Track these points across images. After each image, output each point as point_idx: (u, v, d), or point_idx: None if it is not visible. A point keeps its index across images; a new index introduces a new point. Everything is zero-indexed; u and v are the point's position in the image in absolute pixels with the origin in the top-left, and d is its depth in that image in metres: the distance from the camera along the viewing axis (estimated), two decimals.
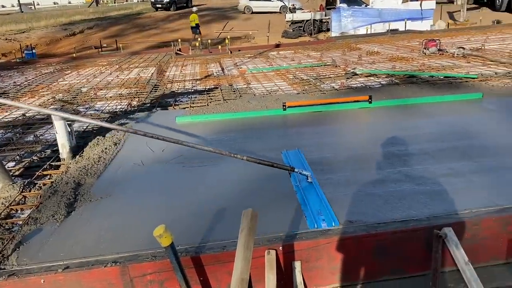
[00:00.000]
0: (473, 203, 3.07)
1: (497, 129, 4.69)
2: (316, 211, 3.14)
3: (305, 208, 3.21)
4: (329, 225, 2.94)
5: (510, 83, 6.83)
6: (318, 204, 3.24)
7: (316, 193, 3.42)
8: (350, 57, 11.44)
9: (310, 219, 3.04)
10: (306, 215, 3.12)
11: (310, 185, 3.55)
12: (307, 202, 3.29)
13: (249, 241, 1.98)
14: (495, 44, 11.83)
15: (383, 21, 19.35)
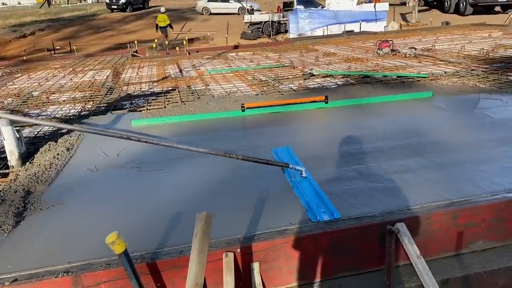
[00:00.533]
0: (424, 198, 3.17)
1: (446, 126, 4.89)
2: (316, 204, 3.21)
3: (304, 202, 3.28)
4: (330, 217, 3.02)
5: (458, 81, 7.13)
6: (316, 197, 3.31)
7: (312, 187, 3.49)
8: (308, 58, 11.60)
9: (311, 213, 3.11)
10: (307, 208, 3.18)
11: (305, 180, 3.62)
12: (305, 196, 3.36)
13: (203, 245, 1.95)
14: (444, 44, 12.33)
15: (339, 22, 19.78)
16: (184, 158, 4.40)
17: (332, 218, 3.01)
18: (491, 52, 9.99)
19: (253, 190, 3.55)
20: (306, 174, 3.67)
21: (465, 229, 2.97)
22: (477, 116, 5.07)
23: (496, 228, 3.02)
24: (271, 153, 4.40)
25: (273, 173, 3.83)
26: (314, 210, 3.13)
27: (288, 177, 3.74)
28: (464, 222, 2.95)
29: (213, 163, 4.20)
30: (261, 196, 3.44)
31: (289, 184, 3.61)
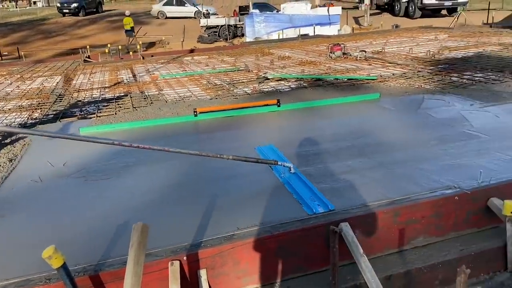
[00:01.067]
0: (367, 197, 3.27)
1: (390, 127, 5.07)
2: (309, 197, 3.32)
3: (298, 197, 3.38)
4: (325, 209, 3.14)
5: (405, 83, 7.41)
6: (308, 191, 3.42)
7: (303, 182, 3.60)
8: (263, 62, 11.70)
9: (306, 206, 3.22)
10: (301, 202, 3.28)
11: (294, 175, 3.73)
12: (297, 190, 3.46)
13: (140, 255, 1.92)
14: (394, 47, 12.79)
15: (294, 26, 20.07)
16: (133, 166, 4.33)
17: (327, 210, 3.14)
18: (436, 54, 10.46)
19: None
20: (294, 170, 3.78)
21: (406, 226, 3.08)
22: (420, 116, 5.28)
23: (435, 224, 3.14)
24: (255, 151, 4.48)
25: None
26: (308, 204, 3.25)
27: (277, 174, 3.83)
28: (405, 219, 3.06)
29: (167, 169, 4.16)
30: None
31: (272, 181, 3.67)
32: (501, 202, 3.08)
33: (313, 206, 3.20)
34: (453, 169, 3.67)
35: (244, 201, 3.42)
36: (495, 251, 3.11)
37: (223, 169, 4.06)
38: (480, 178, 3.34)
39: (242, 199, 3.46)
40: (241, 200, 3.45)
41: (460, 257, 3.02)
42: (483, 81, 7.05)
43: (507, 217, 3.01)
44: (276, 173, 3.86)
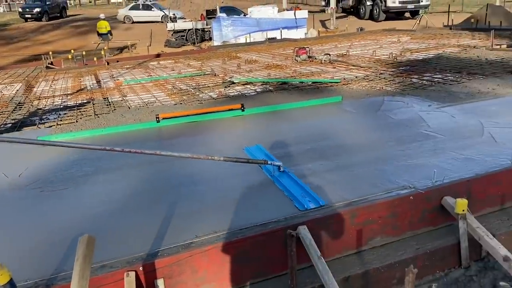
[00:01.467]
0: (326, 199, 3.31)
1: (351, 129, 5.15)
2: (300, 194, 3.43)
3: (289, 194, 3.49)
4: (316, 205, 3.26)
5: (367, 85, 7.56)
6: (298, 189, 3.53)
7: (293, 179, 3.71)
8: (230, 66, 11.69)
9: (297, 202, 3.33)
10: (292, 199, 3.39)
11: (284, 174, 3.83)
12: (288, 188, 3.56)
13: (85, 269, 1.88)
14: (358, 49, 13.03)
15: (261, 30, 20.18)
16: (92, 175, 4.24)
17: (318, 206, 3.25)
18: (399, 56, 10.72)
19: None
20: (283, 169, 3.87)
21: (364, 227, 3.13)
22: (380, 118, 5.39)
23: (391, 223, 3.21)
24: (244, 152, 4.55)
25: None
26: (300, 200, 3.34)
27: (266, 173, 3.93)
28: (362, 220, 3.11)
29: (128, 178, 4.10)
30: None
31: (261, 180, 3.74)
32: (453, 200, 3.17)
33: (304, 202, 3.30)
34: (409, 170, 3.76)
35: (205, 207, 3.40)
36: (449, 249, 3.19)
37: (187, 175, 4.04)
38: (434, 178, 3.43)
39: (203, 206, 3.44)
40: (203, 206, 3.42)
41: (416, 256, 3.09)
42: (442, 82, 7.27)
43: (459, 215, 3.10)
44: (265, 172, 3.96)
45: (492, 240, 2.99)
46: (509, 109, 5.28)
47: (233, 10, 24.83)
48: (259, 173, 3.95)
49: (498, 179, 3.49)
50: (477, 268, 3.19)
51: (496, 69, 7.96)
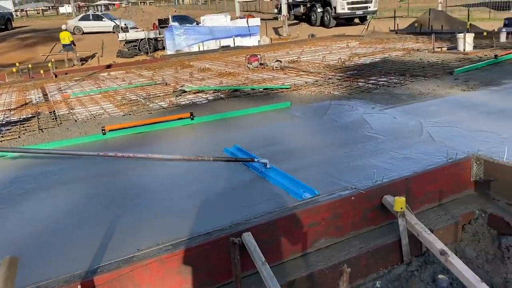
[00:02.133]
0: (270, 205, 3.33)
1: (298, 133, 5.23)
2: (294, 186, 3.60)
3: (284, 187, 3.65)
4: (312, 194, 3.45)
5: (316, 90, 7.71)
6: (290, 182, 3.70)
7: (282, 174, 3.88)
8: (182, 74, 11.62)
9: (294, 193, 3.51)
10: (289, 191, 3.55)
11: (272, 170, 3.99)
12: (281, 182, 3.74)
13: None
14: (308, 55, 13.29)
15: (215, 38, 20.19)
16: (33, 192, 4.08)
17: (313, 195, 3.44)
18: (347, 61, 11.02)
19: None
20: (270, 166, 4.03)
21: (308, 230, 3.17)
22: (326, 122, 5.51)
23: (335, 225, 3.27)
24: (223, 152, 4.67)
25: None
26: (295, 192, 3.53)
27: (254, 170, 4.06)
28: (306, 223, 3.15)
29: (70, 193, 3.98)
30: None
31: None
32: (393, 198, 3.27)
33: (300, 193, 3.49)
34: (351, 171, 3.86)
35: (149, 219, 3.35)
36: (391, 246, 3.29)
37: (133, 187, 3.97)
38: (374, 178, 3.54)
39: (148, 218, 3.38)
40: (147, 218, 3.37)
41: (359, 255, 3.17)
42: (386, 85, 7.53)
43: (398, 213, 3.20)
44: (253, 169, 4.09)
45: (430, 235, 3.11)
46: (447, 109, 5.53)
47: (185, 19, 24.69)
48: (211, 180, 3.94)
49: (435, 176, 3.63)
50: (418, 263, 3.30)
51: (437, 71, 8.35)
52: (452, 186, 3.70)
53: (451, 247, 3.40)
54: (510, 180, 3.45)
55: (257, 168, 4.05)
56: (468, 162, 3.74)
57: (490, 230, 3.46)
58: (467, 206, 3.59)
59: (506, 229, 3.35)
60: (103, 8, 53.95)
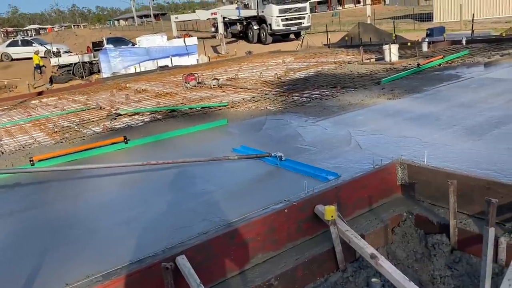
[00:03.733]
0: (203, 225, 3.31)
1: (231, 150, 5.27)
2: (316, 172, 4.08)
3: (307, 173, 4.10)
4: (335, 176, 3.98)
5: (253, 106, 7.82)
6: (310, 169, 4.17)
7: (300, 163, 4.35)
8: (118, 97, 11.38)
9: (318, 177, 3.99)
10: (313, 176, 4.00)
11: (288, 161, 4.45)
12: (302, 169, 4.19)
13: None
14: (246, 72, 13.49)
15: (152, 58, 20.00)
16: None
17: (336, 177, 3.97)
18: (283, 76, 11.30)
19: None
20: (285, 158, 4.48)
21: (244, 246, 3.18)
22: (261, 136, 5.59)
23: (270, 238, 3.30)
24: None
25: None
26: (319, 176, 4.00)
27: (271, 163, 4.49)
28: (241, 240, 3.16)
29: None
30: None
31: None
32: (324, 208, 3.36)
33: (324, 176, 3.98)
34: (285, 183, 3.93)
35: (79, 251, 3.21)
36: (326, 255, 3.36)
37: (62, 218, 3.81)
38: (305, 189, 3.62)
39: (77, 249, 3.24)
40: (76, 250, 3.22)
41: (296, 266, 3.21)
42: (319, 98, 7.79)
43: (330, 221, 3.29)
44: (270, 163, 4.51)
45: (360, 241, 3.21)
46: (374, 117, 5.80)
47: (121, 40, 24.31)
48: (144, 205, 3.85)
49: (363, 183, 3.78)
50: (352, 269, 3.39)
51: (366, 82, 8.76)
52: (380, 191, 3.87)
53: (383, 250, 3.55)
54: (431, 182, 3.66)
55: (274, 161, 4.49)
56: (393, 167, 3.93)
57: (417, 230, 3.64)
58: (395, 209, 3.76)
59: (431, 228, 3.54)
60: (33, 33, 51.88)
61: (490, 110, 5.29)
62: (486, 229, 2.73)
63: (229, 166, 4.60)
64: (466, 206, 3.40)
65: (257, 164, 4.53)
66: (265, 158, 4.59)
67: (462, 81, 7.58)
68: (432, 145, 4.33)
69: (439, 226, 3.46)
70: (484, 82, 7.18)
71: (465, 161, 3.82)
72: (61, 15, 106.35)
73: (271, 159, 4.54)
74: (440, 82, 7.62)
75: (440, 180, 3.54)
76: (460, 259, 3.28)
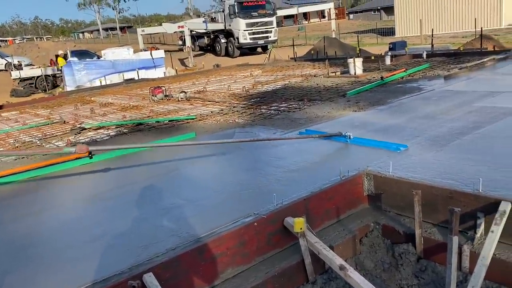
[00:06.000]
0: (171, 241, 3.25)
1: (202, 165, 5.22)
2: (386, 145, 4.79)
3: (378, 146, 4.84)
4: (404, 147, 4.65)
5: (221, 119, 7.80)
6: (378, 143, 4.91)
7: (367, 140, 5.10)
8: (83, 111, 11.12)
9: (390, 148, 4.69)
10: (385, 148, 4.71)
11: (356, 138, 5.18)
12: (373, 144, 4.94)
13: None
14: (214, 85, 13.49)
15: (118, 71, 19.72)
16: None
17: (405, 148, 4.65)
18: (251, 89, 11.36)
19: None
20: (352, 136, 5.19)
21: (213, 261, 3.13)
22: (230, 150, 5.56)
23: (240, 252, 3.27)
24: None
25: None
26: (391, 148, 4.70)
27: (343, 140, 5.24)
28: (210, 255, 3.12)
29: None
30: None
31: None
32: (293, 220, 3.37)
33: (395, 147, 4.65)
34: (256, 197, 3.91)
35: (41, 271, 3.07)
36: (295, 267, 3.36)
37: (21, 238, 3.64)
38: (275, 201, 3.62)
39: (38, 270, 3.10)
40: (38, 271, 3.09)
41: (266, 280, 3.18)
42: (287, 110, 7.86)
43: (299, 233, 3.30)
44: (341, 141, 5.26)
45: (329, 252, 3.23)
46: (340, 129, 5.87)
47: (85, 53, 23.89)
48: (111, 221, 3.74)
49: (331, 194, 3.82)
50: (322, 281, 3.41)
51: (332, 94, 8.92)
52: (348, 202, 3.92)
53: (351, 261, 3.58)
54: (396, 192, 3.74)
55: (345, 139, 5.19)
56: (359, 177, 4.00)
57: (384, 240, 3.70)
58: (362, 220, 3.81)
59: (398, 238, 3.61)
60: None
61: (451, 121, 5.48)
62: (450, 238, 2.80)
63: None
64: (431, 215, 3.49)
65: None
66: (337, 137, 5.33)
67: (424, 93, 7.84)
68: (397, 155, 4.44)
69: (405, 235, 3.53)
70: (445, 94, 7.45)
71: (429, 171, 3.92)
72: (22, 27, 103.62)
73: (341, 138, 5.27)
74: (403, 95, 7.85)
75: (405, 190, 3.62)
76: (426, 268, 3.34)
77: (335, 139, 5.34)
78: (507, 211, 2.99)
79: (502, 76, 8.91)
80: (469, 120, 5.45)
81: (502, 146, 4.41)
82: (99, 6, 71.77)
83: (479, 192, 3.25)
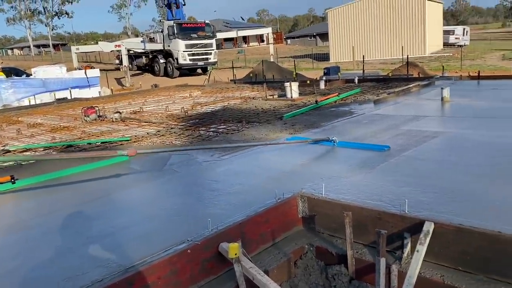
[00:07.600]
0: (99, 272, 3.07)
1: (134, 188, 5.05)
2: (371, 146, 5.55)
3: (364, 148, 5.59)
4: (388, 148, 5.42)
5: (158, 141, 7.63)
6: (364, 145, 5.71)
7: (353, 143, 5.87)
8: (8, 132, 10.42)
9: (378, 148, 5.43)
10: (372, 150, 5.43)
11: (342, 142, 5.85)
12: (359, 146, 5.71)
13: None
14: (151, 106, 13.24)
15: (49, 90, 18.79)
16: None
17: (388, 148, 5.43)
18: (190, 110, 11.26)
19: None
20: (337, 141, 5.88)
21: None
22: (166, 173, 5.43)
23: (173, 281, 3.15)
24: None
25: None
26: (376, 147, 5.47)
27: (329, 144, 5.87)
28: (140, 285, 2.97)
29: None
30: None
31: None
32: (228, 245, 3.31)
33: (381, 147, 5.44)
34: (189, 222, 3.82)
35: None
36: None
37: None
38: (209, 227, 3.55)
39: None
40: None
41: None
42: (225, 132, 7.86)
43: (233, 259, 3.24)
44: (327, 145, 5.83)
45: (263, 277, 3.20)
46: (276, 152, 5.98)
47: (14, 71, 22.55)
48: (31, 252, 3.46)
49: (266, 217, 3.81)
50: None
51: (269, 117, 9.06)
52: (283, 225, 3.93)
53: (286, 285, 3.58)
54: (329, 214, 3.82)
55: (331, 143, 5.82)
56: (294, 200, 4.04)
57: (318, 262, 3.74)
58: (297, 242, 3.83)
59: (331, 259, 3.66)
60: None
61: (379, 144, 5.75)
62: (378, 259, 2.88)
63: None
64: (362, 236, 3.59)
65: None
66: (324, 141, 5.93)
67: (355, 117, 8.18)
68: (329, 177, 4.55)
69: (338, 256, 3.60)
70: (374, 118, 7.83)
71: (359, 193, 4.04)
72: None
73: (329, 142, 5.86)
74: (336, 118, 8.15)
75: (337, 212, 3.70)
76: None
77: (323, 143, 5.97)
78: (431, 230, 3.14)
79: (426, 101, 9.55)
80: (396, 143, 5.74)
81: (426, 168, 4.68)
82: (31, 22, 68.39)
83: (405, 213, 3.40)
